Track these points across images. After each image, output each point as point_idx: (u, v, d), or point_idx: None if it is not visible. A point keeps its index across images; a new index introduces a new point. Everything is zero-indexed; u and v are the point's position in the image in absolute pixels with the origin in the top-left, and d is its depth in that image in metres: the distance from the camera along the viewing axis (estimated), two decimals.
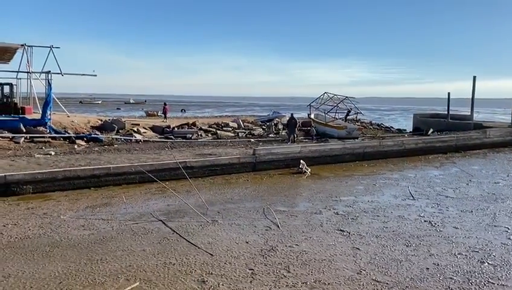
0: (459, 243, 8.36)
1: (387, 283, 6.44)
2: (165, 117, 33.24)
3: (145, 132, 23.60)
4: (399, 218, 10.04)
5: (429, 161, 19.46)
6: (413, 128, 32.77)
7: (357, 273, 6.81)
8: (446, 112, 32.19)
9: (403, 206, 11.21)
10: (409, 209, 10.91)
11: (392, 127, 34.78)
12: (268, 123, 29.79)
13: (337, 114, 29.51)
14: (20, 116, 23.24)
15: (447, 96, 32.71)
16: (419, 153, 20.66)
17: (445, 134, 25.77)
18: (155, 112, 45.63)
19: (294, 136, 22.61)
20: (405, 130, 33.28)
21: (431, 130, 28.77)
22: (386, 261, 7.31)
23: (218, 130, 25.68)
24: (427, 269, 7.03)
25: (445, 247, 8.10)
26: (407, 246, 8.13)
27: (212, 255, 7.51)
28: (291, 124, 22.78)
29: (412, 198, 12.10)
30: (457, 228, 9.35)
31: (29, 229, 8.75)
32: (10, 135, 18.94)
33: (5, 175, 11.61)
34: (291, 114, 24.24)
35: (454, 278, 6.70)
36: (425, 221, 9.81)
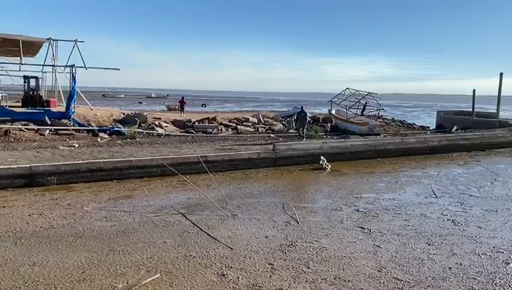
0: (483, 243, 8.18)
1: (408, 282, 6.36)
2: (182, 111, 33.36)
3: (166, 126, 23.80)
4: (421, 216, 9.88)
5: (453, 158, 19.10)
6: (437, 125, 32.19)
7: (378, 271, 6.73)
8: (471, 110, 31.47)
9: (425, 204, 11.03)
10: (432, 207, 10.73)
11: (415, 124, 34.24)
12: (288, 119, 29.67)
13: (358, 110, 29.24)
14: (45, 108, 23.76)
15: (471, 93, 32.00)
16: (443, 151, 20.33)
17: (470, 132, 25.22)
18: (176, 106, 45.99)
19: (304, 130, 21.63)
20: (428, 127, 32.73)
21: (455, 127, 28.20)
22: (407, 260, 7.21)
23: (239, 125, 25.71)
24: (450, 268, 6.91)
25: (468, 246, 7.95)
26: (429, 244, 8.00)
27: (231, 249, 7.54)
28: (300, 117, 21.88)
29: (434, 196, 11.89)
30: (481, 227, 9.15)
31: (54, 220, 8.94)
32: (36, 127, 19.37)
33: (30, 166, 11.90)
34: (301, 107, 23.41)
35: (478, 278, 6.56)
36: (448, 220, 9.64)
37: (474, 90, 31.95)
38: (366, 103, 29.79)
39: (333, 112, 29.50)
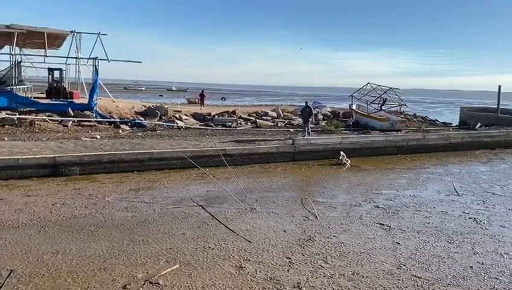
0: (506, 242, 8.02)
1: (428, 279, 6.28)
2: (202, 104, 33.53)
3: (186, 119, 23.96)
4: (442, 214, 9.73)
5: (476, 156, 18.73)
6: (460, 122, 31.50)
7: (397, 267, 6.67)
8: (495, 106, 30.71)
9: (447, 202, 10.86)
10: (453, 205, 10.56)
11: (437, 120, 33.60)
12: None
13: (379, 105, 28.85)
14: (69, 100, 24.16)
15: (497, 90, 31.21)
16: (466, 148, 19.94)
17: (494, 129, 24.65)
18: (196, 100, 46.18)
19: (307, 126, 20.53)
20: (451, 123, 32.09)
21: (479, 124, 27.58)
22: (427, 257, 7.13)
23: (258, 119, 25.68)
24: (471, 267, 6.80)
25: (490, 246, 7.80)
26: (449, 242, 7.89)
27: (250, 242, 7.58)
28: (305, 112, 20.87)
29: (456, 194, 11.70)
30: (504, 226, 8.97)
31: (76, 209, 9.13)
32: (59, 118, 19.75)
33: (54, 156, 12.16)
34: (306, 102, 22.79)
35: (500, 278, 6.44)
36: (469, 218, 9.47)
37: (499, 87, 31.14)
38: (385, 98, 29.34)
39: (354, 107, 29.19)
